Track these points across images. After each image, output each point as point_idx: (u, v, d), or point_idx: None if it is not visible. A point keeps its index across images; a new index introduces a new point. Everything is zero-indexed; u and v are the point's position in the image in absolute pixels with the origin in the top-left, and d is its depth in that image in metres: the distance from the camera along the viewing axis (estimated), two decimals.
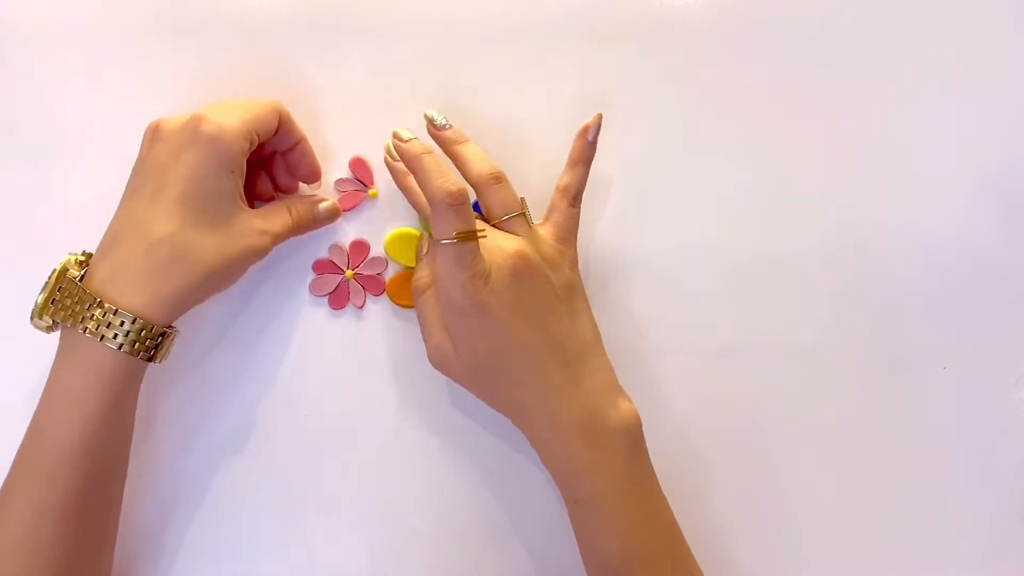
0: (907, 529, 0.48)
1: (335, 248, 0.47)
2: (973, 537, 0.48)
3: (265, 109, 0.42)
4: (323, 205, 0.45)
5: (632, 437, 0.41)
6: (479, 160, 0.42)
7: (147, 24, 0.48)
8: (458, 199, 0.38)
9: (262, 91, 0.47)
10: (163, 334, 0.39)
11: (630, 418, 0.41)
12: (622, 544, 0.40)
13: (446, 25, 0.49)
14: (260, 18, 0.48)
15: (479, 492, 0.47)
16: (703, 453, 0.48)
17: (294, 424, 0.47)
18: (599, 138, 0.44)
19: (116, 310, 0.37)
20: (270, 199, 0.46)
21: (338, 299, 0.47)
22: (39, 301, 0.38)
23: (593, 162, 0.44)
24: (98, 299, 0.38)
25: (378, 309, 0.48)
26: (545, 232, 0.43)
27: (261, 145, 0.43)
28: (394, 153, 0.44)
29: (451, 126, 0.43)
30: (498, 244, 0.40)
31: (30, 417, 0.39)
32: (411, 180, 0.44)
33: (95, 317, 0.37)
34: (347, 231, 0.48)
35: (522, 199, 0.43)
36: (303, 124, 0.45)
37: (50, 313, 0.38)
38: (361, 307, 0.47)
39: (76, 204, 0.47)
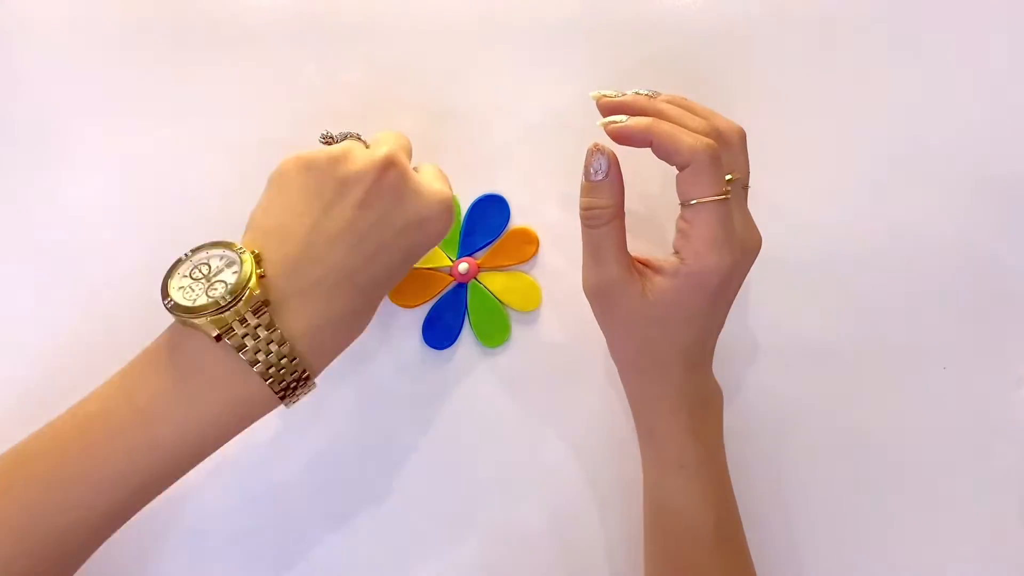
0: (907, 529, 0.48)
1: None
2: (973, 537, 0.48)
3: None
4: None
5: (721, 412, 0.42)
6: (721, 116, 0.39)
7: (147, 24, 0.48)
8: (716, 148, 0.35)
9: (262, 90, 0.47)
10: (307, 379, 0.36)
11: (722, 395, 0.42)
12: (716, 514, 0.40)
13: (446, 25, 0.49)
14: (260, 18, 0.48)
15: (480, 492, 0.47)
16: None
17: (293, 424, 0.47)
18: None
19: (286, 343, 0.34)
20: None
21: None
22: (218, 302, 0.33)
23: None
24: (285, 341, 0.34)
25: (378, 309, 0.48)
26: None
27: None
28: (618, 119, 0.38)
29: (660, 93, 0.40)
30: (750, 222, 0.39)
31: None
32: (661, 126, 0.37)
33: (263, 348, 0.33)
34: None
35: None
36: (303, 124, 0.45)
37: (222, 330, 0.33)
38: None
39: (76, 204, 0.47)
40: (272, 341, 0.33)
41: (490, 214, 0.48)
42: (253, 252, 0.34)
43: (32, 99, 0.47)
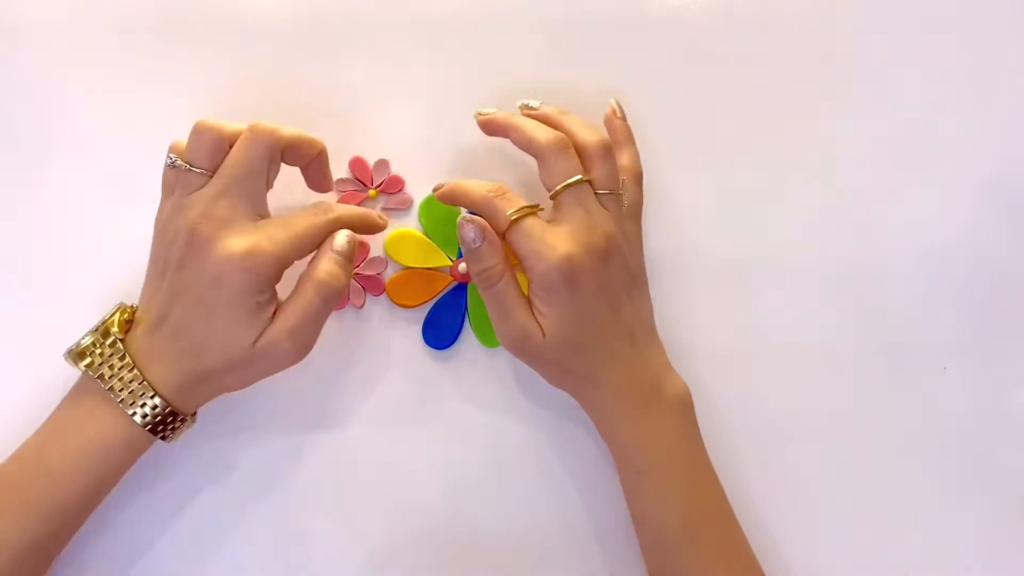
0: (907, 529, 0.48)
1: None
2: (973, 537, 0.48)
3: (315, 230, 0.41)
4: (338, 246, 0.41)
5: (688, 409, 0.43)
6: (589, 129, 0.42)
7: (147, 24, 0.48)
8: (492, 196, 0.40)
9: (263, 90, 0.47)
10: (183, 420, 0.40)
11: (685, 391, 0.43)
12: (682, 514, 0.41)
13: (445, 24, 0.49)
14: (261, 18, 0.48)
15: (480, 492, 0.47)
16: None
17: (294, 423, 0.47)
18: None
19: (151, 389, 0.38)
20: None
21: None
22: (81, 344, 0.38)
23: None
24: (135, 370, 0.38)
25: (378, 309, 0.48)
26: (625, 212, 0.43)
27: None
28: (486, 112, 0.44)
29: (544, 103, 0.44)
30: (595, 220, 0.40)
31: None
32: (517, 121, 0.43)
33: (126, 384, 0.38)
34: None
35: (622, 180, 0.43)
36: (303, 124, 0.45)
37: (86, 364, 0.38)
38: (361, 307, 0.47)
39: (76, 207, 0.47)
40: (117, 361, 0.38)
41: None
42: (131, 307, 0.40)
43: (32, 99, 0.47)
